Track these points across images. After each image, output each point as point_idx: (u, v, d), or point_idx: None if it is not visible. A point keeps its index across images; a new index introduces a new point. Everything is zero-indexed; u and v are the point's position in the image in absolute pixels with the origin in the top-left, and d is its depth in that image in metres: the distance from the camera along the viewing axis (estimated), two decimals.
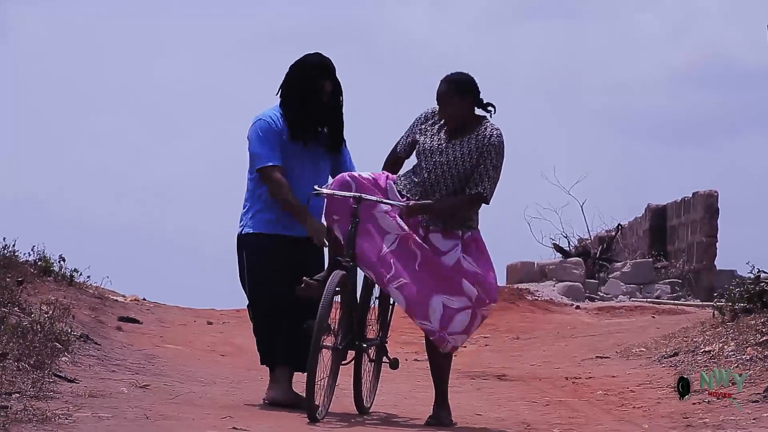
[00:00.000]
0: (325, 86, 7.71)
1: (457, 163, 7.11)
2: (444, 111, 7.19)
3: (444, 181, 7.13)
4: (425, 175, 7.15)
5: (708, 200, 22.71)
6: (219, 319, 15.28)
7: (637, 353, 11.91)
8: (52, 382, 7.49)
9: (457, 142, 7.14)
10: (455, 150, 7.12)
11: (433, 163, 7.14)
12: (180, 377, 9.08)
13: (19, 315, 9.50)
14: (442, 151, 7.13)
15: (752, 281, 12.35)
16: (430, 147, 7.17)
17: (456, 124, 7.17)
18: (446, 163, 7.11)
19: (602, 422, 7.55)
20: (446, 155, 7.12)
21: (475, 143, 7.11)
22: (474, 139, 7.12)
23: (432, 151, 7.16)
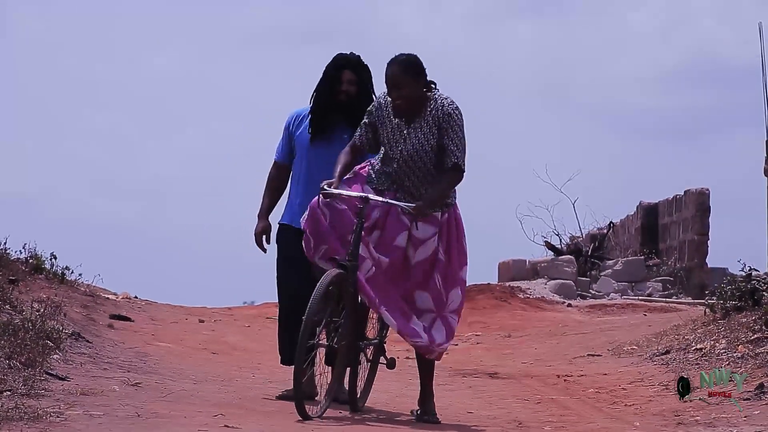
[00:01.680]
0: (343, 76, 7.71)
1: (423, 144, 7.05)
2: (398, 94, 7.06)
3: (415, 166, 7.09)
4: (395, 166, 7.11)
5: (699, 198, 22.76)
6: (210, 317, 15.28)
7: (629, 351, 11.93)
8: (43, 380, 7.48)
9: (416, 123, 7.08)
10: (417, 133, 7.06)
11: (399, 152, 7.08)
12: (172, 375, 9.08)
13: (11, 313, 9.48)
14: (405, 138, 7.08)
15: (743, 279, 12.36)
16: (392, 136, 7.11)
17: (410, 105, 7.07)
18: (412, 148, 7.06)
19: (594, 420, 7.56)
20: (410, 141, 7.06)
21: (432, 119, 7.04)
22: (429, 116, 7.06)
23: (395, 140, 7.10)
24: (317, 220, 7.05)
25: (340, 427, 6.76)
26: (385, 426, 7.01)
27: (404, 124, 7.10)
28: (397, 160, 7.10)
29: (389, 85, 7.07)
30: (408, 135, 7.08)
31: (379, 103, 7.21)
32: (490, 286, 20.69)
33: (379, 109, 7.19)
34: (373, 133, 7.20)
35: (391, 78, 7.05)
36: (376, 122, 7.17)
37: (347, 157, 7.19)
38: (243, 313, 17.51)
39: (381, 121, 7.17)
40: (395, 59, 7.08)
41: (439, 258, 7.12)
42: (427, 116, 7.06)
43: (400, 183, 7.12)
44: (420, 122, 7.07)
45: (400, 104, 7.07)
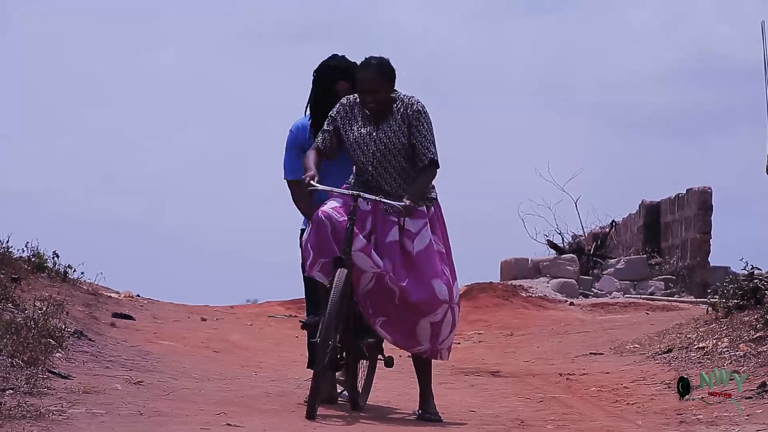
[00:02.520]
0: (338, 86, 7.65)
1: (394, 144, 7.09)
2: (373, 97, 7.09)
3: (390, 167, 7.12)
4: (370, 168, 7.12)
5: (702, 197, 22.73)
6: (213, 316, 15.29)
7: (631, 350, 11.92)
8: (45, 379, 7.48)
9: (385, 124, 7.12)
10: (387, 133, 7.10)
11: (372, 155, 7.11)
12: (174, 373, 9.08)
13: (13, 311, 9.49)
14: (376, 140, 7.11)
15: (746, 278, 12.36)
16: (363, 140, 7.13)
17: (383, 108, 7.12)
18: (385, 148, 7.09)
19: (596, 418, 7.56)
20: (381, 142, 7.10)
21: (401, 118, 7.09)
22: (398, 115, 7.11)
23: (365, 144, 7.12)
24: (322, 233, 6.99)
25: (342, 427, 6.76)
26: (387, 425, 7.02)
27: (373, 126, 7.14)
28: (371, 163, 7.12)
29: (365, 89, 7.11)
30: (378, 137, 7.12)
31: (344, 108, 7.23)
32: (493, 284, 20.68)
33: (345, 115, 7.21)
34: (337, 139, 7.21)
35: (368, 82, 7.09)
36: (340, 128, 7.19)
37: (316, 156, 7.17)
38: (245, 311, 17.52)
39: (347, 126, 7.19)
40: (370, 63, 7.11)
41: (439, 249, 7.15)
42: (396, 116, 7.11)
43: (378, 187, 7.12)
44: (389, 122, 7.12)
45: (374, 107, 7.12)
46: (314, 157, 7.14)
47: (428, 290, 7.01)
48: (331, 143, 7.19)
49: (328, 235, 6.95)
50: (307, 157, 7.16)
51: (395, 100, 7.15)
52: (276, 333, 14.45)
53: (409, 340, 7.10)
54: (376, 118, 7.15)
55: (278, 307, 17.82)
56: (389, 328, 7.06)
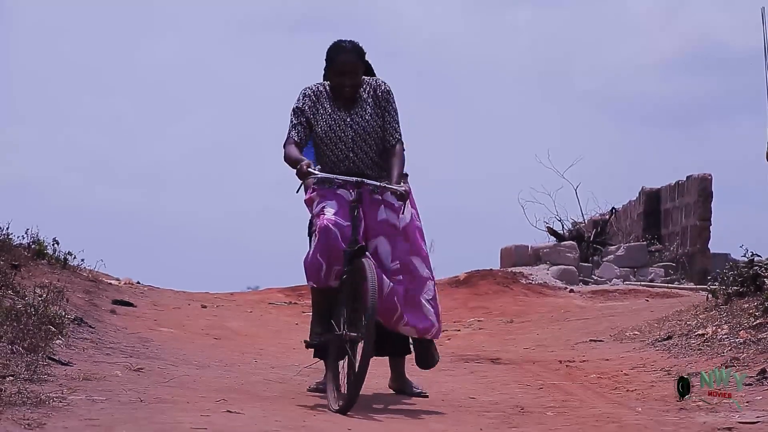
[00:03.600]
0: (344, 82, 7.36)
1: (372, 127, 7.00)
2: (351, 80, 6.97)
3: (370, 151, 7.03)
4: (351, 155, 7.00)
5: (702, 184, 22.74)
6: (213, 303, 15.29)
7: (631, 336, 11.93)
8: (46, 365, 7.49)
9: (358, 108, 7.03)
10: (362, 117, 7.01)
11: (351, 140, 7.00)
12: (174, 360, 9.09)
13: (13, 298, 9.49)
14: (351, 125, 7.00)
15: (746, 265, 12.37)
16: (338, 126, 7.01)
17: (355, 92, 7.04)
18: (363, 132, 7.00)
19: (596, 405, 7.56)
20: (359, 126, 7.01)
21: (372, 100, 7.03)
22: (369, 98, 7.04)
23: (341, 129, 7.00)
24: (332, 240, 6.80)
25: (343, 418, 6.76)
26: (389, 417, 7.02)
27: (345, 112, 7.03)
28: (351, 149, 7.01)
29: (343, 72, 6.96)
30: (354, 121, 7.01)
31: (309, 99, 7.05)
32: (492, 271, 20.70)
33: (313, 105, 7.05)
34: (310, 130, 7.05)
35: (348, 65, 6.95)
36: (311, 119, 7.03)
37: (297, 149, 6.96)
38: (245, 298, 17.53)
39: (318, 115, 7.04)
40: (346, 46, 6.98)
41: (418, 225, 7.17)
42: (367, 99, 7.04)
43: (360, 173, 7.00)
44: (361, 106, 7.03)
45: (350, 91, 7.00)
46: (298, 151, 6.94)
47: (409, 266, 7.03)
48: (305, 135, 7.02)
49: (339, 242, 6.77)
50: (291, 152, 6.91)
51: (362, 83, 7.07)
52: (276, 320, 14.45)
53: (425, 322, 7.09)
54: (346, 103, 7.04)
55: (278, 294, 17.83)
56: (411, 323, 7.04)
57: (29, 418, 5.71)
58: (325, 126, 6.99)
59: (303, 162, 6.73)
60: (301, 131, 6.99)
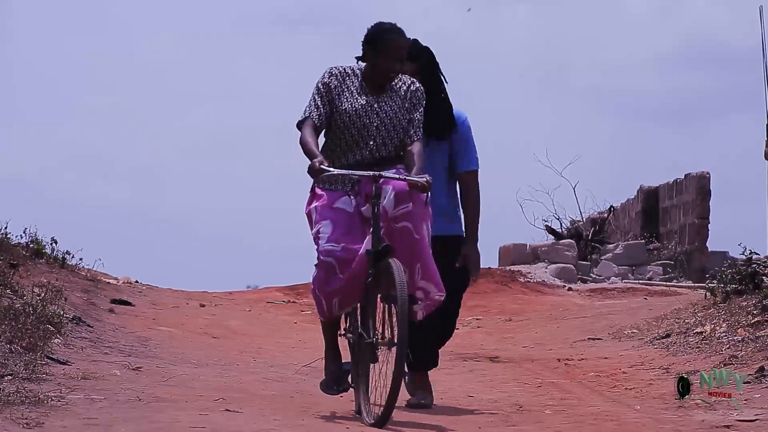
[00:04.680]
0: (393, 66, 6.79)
1: (394, 119, 6.48)
2: (400, 67, 6.48)
3: (389, 142, 6.50)
4: (371, 143, 6.48)
5: (700, 182, 22.75)
6: (211, 302, 15.29)
7: (629, 335, 11.94)
8: (44, 365, 7.48)
9: (385, 98, 6.52)
10: (389, 107, 6.50)
11: (375, 128, 6.48)
12: (172, 359, 9.09)
13: (11, 297, 9.49)
14: (377, 111, 6.49)
15: (744, 262, 12.38)
16: (363, 111, 6.49)
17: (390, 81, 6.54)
18: (389, 122, 6.49)
19: (594, 403, 7.56)
20: (386, 115, 6.49)
21: (404, 94, 6.54)
22: (400, 91, 6.56)
23: (368, 114, 6.49)
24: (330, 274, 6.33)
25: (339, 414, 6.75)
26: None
27: (372, 97, 6.52)
28: (373, 137, 6.51)
29: (398, 56, 6.45)
30: (381, 108, 6.51)
31: (338, 76, 6.55)
32: (491, 270, 20.71)
33: (341, 83, 6.54)
34: (331, 112, 6.51)
35: (400, 48, 6.45)
36: (335, 99, 6.50)
37: (314, 137, 6.43)
38: (244, 297, 17.53)
39: (342, 96, 6.51)
40: (398, 29, 6.48)
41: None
42: (397, 91, 6.55)
43: (378, 164, 6.48)
44: (389, 96, 6.54)
45: (392, 76, 6.51)
46: (314, 138, 6.41)
47: None
48: (326, 117, 6.48)
49: (337, 274, 6.29)
50: (307, 140, 6.37)
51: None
52: (275, 319, 14.46)
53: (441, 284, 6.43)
54: (376, 89, 6.53)
55: (277, 293, 17.84)
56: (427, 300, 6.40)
57: (28, 417, 5.71)
58: (350, 109, 6.48)
59: (316, 158, 6.24)
60: (322, 113, 6.47)
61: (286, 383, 8.06)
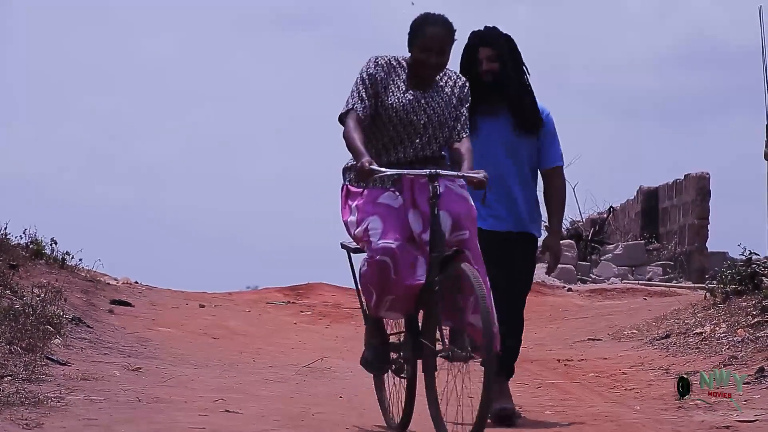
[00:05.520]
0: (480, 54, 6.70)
1: (441, 116, 6.03)
2: (440, 61, 5.99)
3: (435, 141, 6.04)
4: (417, 142, 6.00)
5: (700, 182, 22.75)
6: (211, 302, 15.28)
7: (629, 335, 11.94)
8: (44, 365, 7.49)
9: (431, 93, 6.05)
10: (436, 104, 6.05)
11: (422, 125, 6.00)
12: (172, 360, 9.09)
13: (11, 298, 9.49)
14: (425, 107, 6.02)
15: (744, 263, 12.39)
16: (411, 106, 6.01)
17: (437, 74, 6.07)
18: (435, 120, 6.02)
19: (594, 404, 7.56)
20: (434, 111, 6.02)
21: (451, 90, 6.09)
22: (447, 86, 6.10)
23: (415, 111, 6.00)
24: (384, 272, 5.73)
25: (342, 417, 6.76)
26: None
27: (420, 92, 6.04)
28: (420, 135, 6.02)
29: (435, 49, 5.95)
30: (428, 104, 6.04)
31: (384, 67, 6.04)
32: None
33: (387, 76, 6.04)
34: (376, 105, 6.00)
35: (440, 41, 5.96)
36: (382, 92, 6.00)
37: (360, 132, 5.88)
38: (243, 298, 17.52)
39: (388, 91, 6.01)
40: (441, 19, 6.03)
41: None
42: (444, 87, 6.08)
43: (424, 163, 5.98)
44: (436, 91, 6.07)
45: (433, 70, 6.01)
46: (360, 133, 5.86)
47: None
48: (370, 112, 5.96)
49: (390, 275, 5.70)
50: (353, 136, 5.82)
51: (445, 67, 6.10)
52: (274, 319, 14.45)
53: None
54: (422, 84, 6.05)
55: (276, 294, 17.82)
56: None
57: (27, 418, 5.71)
58: (396, 104, 5.99)
59: (365, 158, 5.68)
60: (367, 106, 5.94)
61: (285, 384, 8.06)
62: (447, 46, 6.00)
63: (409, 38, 6.05)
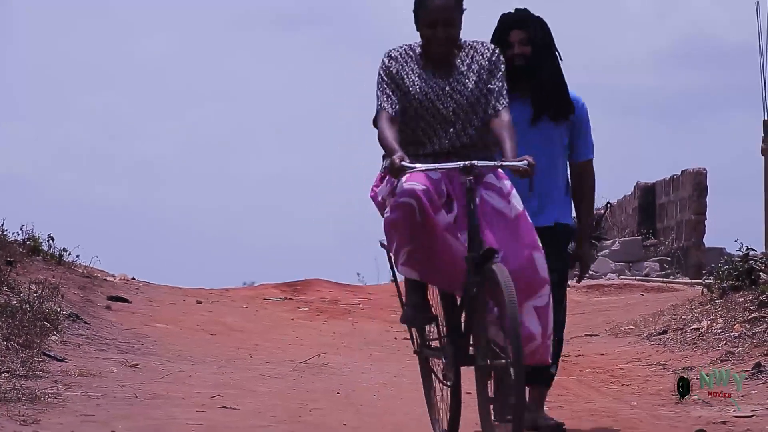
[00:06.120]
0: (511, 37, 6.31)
1: (471, 99, 5.54)
2: (447, 33, 5.50)
3: (468, 129, 5.55)
4: (451, 131, 5.53)
5: (697, 178, 22.75)
6: (208, 299, 15.26)
7: (626, 331, 11.94)
8: (41, 362, 7.49)
9: (457, 76, 5.57)
10: (463, 86, 5.55)
11: (452, 113, 5.53)
12: (169, 356, 9.08)
13: (8, 294, 9.49)
14: (451, 94, 5.54)
15: (741, 259, 12.39)
16: (435, 95, 5.56)
17: (451, 50, 5.56)
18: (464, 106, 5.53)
19: (591, 400, 7.57)
20: (459, 97, 5.54)
21: (479, 66, 5.57)
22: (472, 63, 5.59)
23: (441, 100, 5.54)
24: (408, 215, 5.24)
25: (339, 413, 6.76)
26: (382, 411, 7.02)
27: (443, 78, 5.57)
28: (452, 124, 5.55)
29: (438, 21, 5.48)
30: (453, 90, 5.56)
31: (398, 59, 5.59)
32: None
33: (403, 67, 5.59)
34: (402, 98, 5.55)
35: (442, 11, 5.48)
36: (402, 84, 5.55)
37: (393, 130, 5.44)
38: (240, 294, 17.51)
39: (408, 81, 5.57)
40: None
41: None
42: (471, 65, 5.58)
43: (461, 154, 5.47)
44: (462, 72, 5.58)
45: (444, 49, 5.54)
46: (393, 131, 5.44)
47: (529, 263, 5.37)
48: (399, 106, 5.52)
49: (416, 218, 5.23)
50: (385, 135, 5.41)
51: (461, 46, 5.59)
52: (271, 315, 14.43)
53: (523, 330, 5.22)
54: (442, 67, 5.57)
55: (273, 290, 17.81)
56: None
57: (24, 414, 5.72)
58: (419, 94, 5.54)
59: (396, 154, 5.27)
60: (394, 101, 5.50)
61: (283, 380, 8.06)
62: (455, 16, 5.52)
63: (414, 17, 5.59)
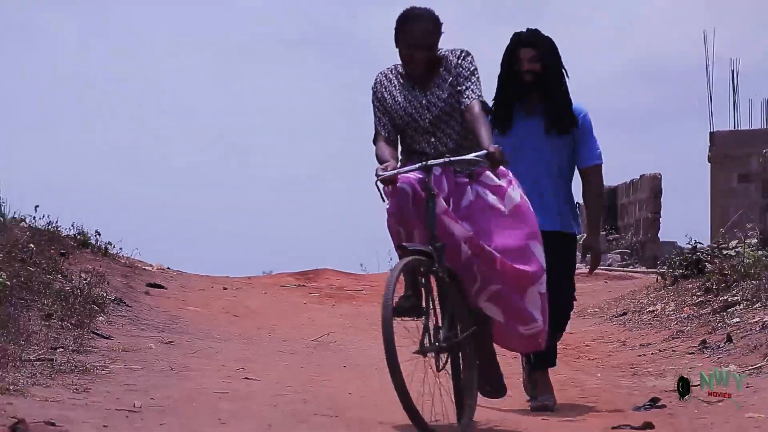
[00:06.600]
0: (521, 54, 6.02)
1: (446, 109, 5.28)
2: (425, 55, 5.23)
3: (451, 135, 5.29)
4: (433, 140, 5.28)
5: (653, 182, 22.77)
6: (233, 285, 15.26)
7: (592, 313, 11.96)
8: (90, 339, 7.51)
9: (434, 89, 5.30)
10: (438, 98, 5.30)
11: (430, 124, 5.28)
12: (200, 335, 9.10)
13: (62, 281, 9.51)
14: (428, 106, 5.29)
15: (690, 251, 12.47)
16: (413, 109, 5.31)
17: (431, 68, 5.29)
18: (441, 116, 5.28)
19: (561, 372, 7.58)
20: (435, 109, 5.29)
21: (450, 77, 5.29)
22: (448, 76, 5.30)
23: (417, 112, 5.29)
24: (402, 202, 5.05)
25: (345, 384, 6.77)
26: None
27: (420, 91, 5.31)
28: (432, 134, 5.29)
29: (418, 45, 5.19)
30: (430, 103, 5.29)
31: (383, 81, 5.36)
32: None
33: (386, 88, 5.36)
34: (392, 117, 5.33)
35: (422, 37, 5.20)
36: (388, 105, 5.33)
37: (386, 148, 5.26)
38: (260, 281, 17.50)
39: (391, 100, 5.33)
40: (426, 14, 5.24)
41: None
42: (447, 76, 5.30)
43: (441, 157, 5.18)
44: (438, 85, 5.29)
45: (420, 67, 5.27)
46: (388, 149, 5.25)
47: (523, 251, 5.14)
48: (391, 128, 5.31)
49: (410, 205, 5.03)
50: (378, 154, 5.24)
51: (441, 59, 5.30)
52: (287, 300, 14.43)
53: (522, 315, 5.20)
54: (421, 82, 5.30)
55: (288, 278, 17.79)
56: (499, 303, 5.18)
57: (77, 384, 5.75)
58: (398, 109, 5.30)
59: (377, 167, 5.10)
60: (386, 123, 5.30)
61: (297, 355, 8.08)
62: (433, 41, 5.24)
63: (395, 38, 5.29)
